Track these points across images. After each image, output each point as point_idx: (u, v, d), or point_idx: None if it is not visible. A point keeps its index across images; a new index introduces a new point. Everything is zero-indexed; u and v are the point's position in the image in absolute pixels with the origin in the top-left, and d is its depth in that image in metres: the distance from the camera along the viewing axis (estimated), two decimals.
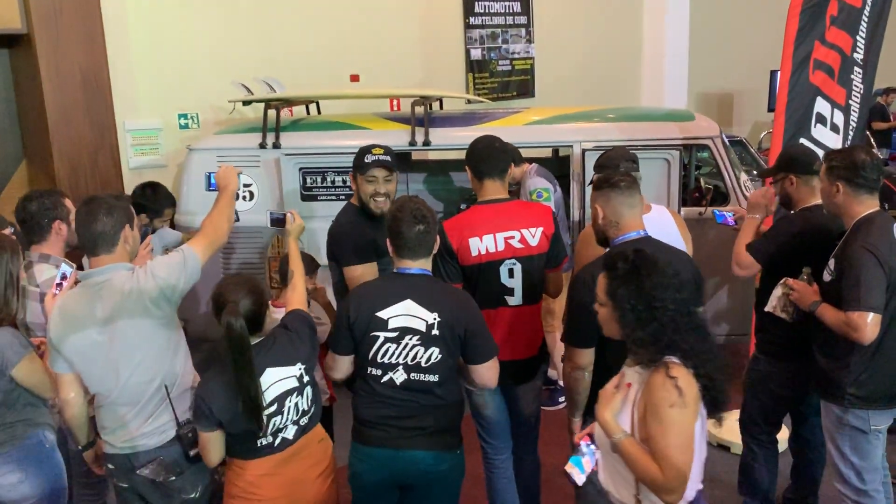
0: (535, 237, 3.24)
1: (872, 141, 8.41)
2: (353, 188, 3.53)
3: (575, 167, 4.84)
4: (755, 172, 6.91)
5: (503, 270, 3.21)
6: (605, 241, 3.02)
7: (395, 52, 7.29)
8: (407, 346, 2.71)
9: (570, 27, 9.13)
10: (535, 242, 3.23)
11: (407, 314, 2.71)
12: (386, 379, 2.73)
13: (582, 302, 2.71)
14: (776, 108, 4.34)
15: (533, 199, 4.72)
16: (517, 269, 3.21)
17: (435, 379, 2.73)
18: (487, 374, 2.84)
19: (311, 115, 5.59)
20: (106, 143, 5.49)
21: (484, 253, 3.19)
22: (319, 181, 4.89)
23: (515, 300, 3.24)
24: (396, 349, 2.71)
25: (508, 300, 3.24)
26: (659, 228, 3.19)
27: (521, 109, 5.53)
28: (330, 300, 3.77)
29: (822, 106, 4.36)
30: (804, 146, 4.08)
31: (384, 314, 2.72)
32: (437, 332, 2.71)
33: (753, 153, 8.49)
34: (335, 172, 4.82)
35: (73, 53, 5.27)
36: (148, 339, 2.64)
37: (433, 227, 2.81)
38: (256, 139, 4.91)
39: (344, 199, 3.68)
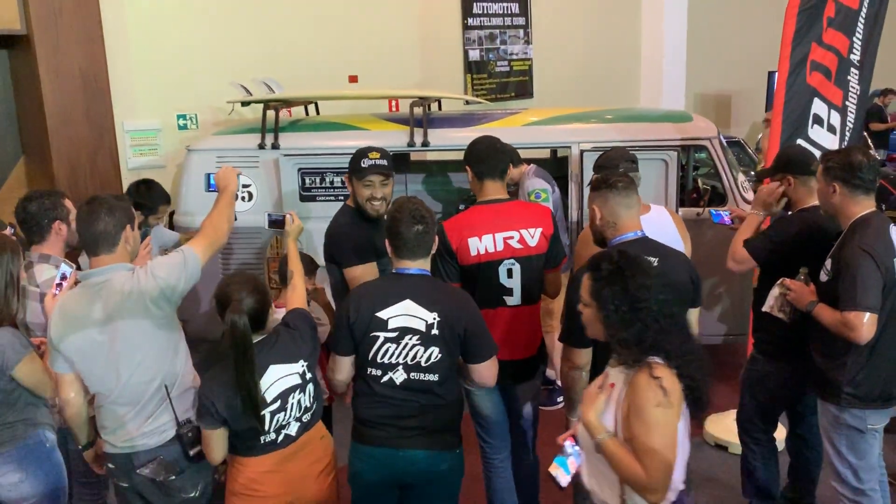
0: (534, 238, 3.25)
1: (870, 142, 8.40)
2: (349, 190, 3.52)
3: (573, 168, 4.85)
4: (752, 173, 6.92)
5: (502, 270, 3.22)
6: (602, 241, 3.03)
7: (393, 52, 7.30)
8: (407, 345, 2.72)
9: (568, 28, 9.15)
10: (533, 243, 3.25)
11: (406, 314, 2.72)
12: (386, 379, 2.74)
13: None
14: (773, 109, 4.34)
15: (531, 199, 4.73)
16: (516, 269, 3.22)
17: (435, 378, 2.74)
18: (487, 373, 2.85)
19: (309, 115, 5.60)
20: (105, 143, 5.49)
21: (483, 253, 3.20)
22: (318, 182, 4.90)
23: (514, 300, 3.25)
24: (396, 349, 2.72)
25: (507, 300, 3.25)
26: (658, 229, 3.20)
27: (519, 110, 5.54)
28: (329, 301, 3.77)
29: (818, 107, 4.37)
30: (802, 147, 4.09)
31: (384, 314, 2.73)
32: (436, 331, 2.71)
33: (751, 154, 8.52)
34: (334, 173, 4.82)
35: (72, 54, 5.27)
36: (148, 339, 2.64)
37: (432, 227, 2.82)
38: (255, 140, 4.92)
39: (343, 199, 3.68)
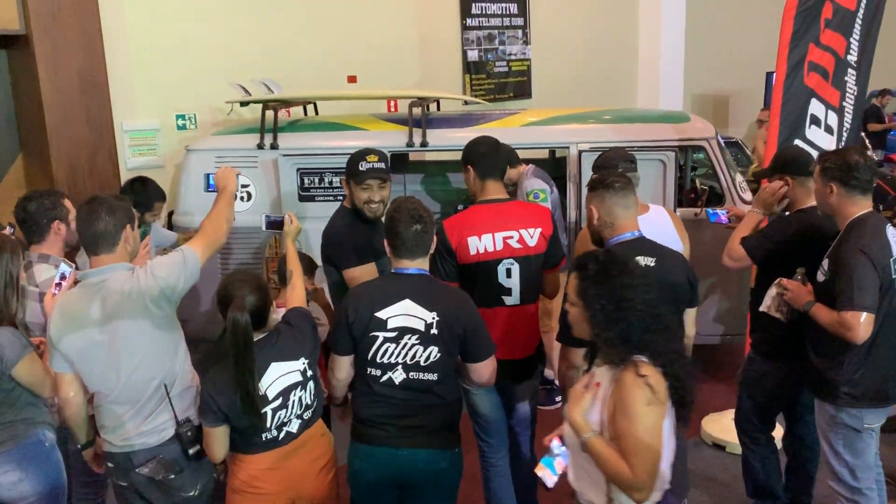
0: (533, 238, 3.25)
1: (868, 142, 8.42)
2: (346, 192, 3.51)
3: (571, 168, 4.86)
4: (748, 174, 6.95)
5: (501, 270, 3.23)
6: (600, 241, 3.04)
7: (392, 53, 7.31)
8: (406, 345, 2.72)
9: (566, 29, 9.16)
10: (533, 243, 3.25)
11: (406, 314, 2.73)
12: (385, 378, 2.75)
13: None
14: (771, 110, 4.35)
15: (530, 199, 4.74)
16: (515, 269, 3.23)
17: (434, 378, 2.75)
18: (485, 372, 2.87)
19: (308, 116, 5.61)
20: (104, 143, 5.49)
21: (482, 252, 3.21)
22: (317, 182, 4.91)
23: (513, 300, 3.26)
24: (396, 349, 2.73)
25: (506, 300, 3.25)
26: (657, 229, 3.21)
27: (517, 111, 5.55)
28: (329, 301, 3.78)
29: (816, 107, 4.38)
30: (799, 148, 4.10)
31: (383, 314, 2.73)
32: (435, 331, 2.72)
33: (749, 154, 8.54)
34: (333, 173, 4.83)
35: (71, 54, 5.27)
36: (148, 338, 2.65)
37: (430, 226, 2.83)
38: (254, 140, 4.92)
39: (342, 199, 3.68)
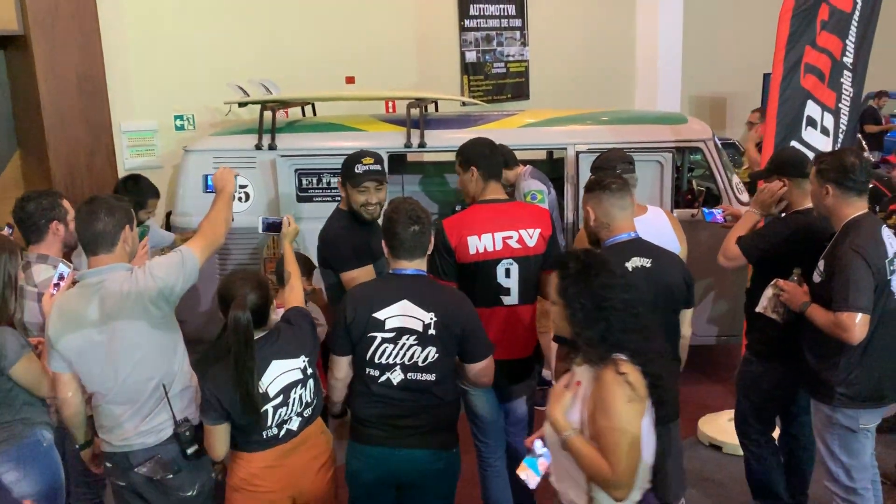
0: (532, 238, 3.26)
1: (864, 144, 8.45)
2: (342, 195, 3.51)
3: (569, 169, 4.87)
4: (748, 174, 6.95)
5: (500, 270, 3.24)
6: (597, 242, 3.05)
7: (390, 54, 7.32)
8: (404, 346, 2.73)
9: (564, 30, 9.17)
10: (532, 243, 3.26)
11: (403, 314, 2.73)
12: (383, 379, 2.75)
13: None
14: (768, 111, 4.37)
15: (527, 200, 4.75)
16: (514, 269, 3.24)
17: (432, 378, 2.76)
18: (483, 372, 2.88)
19: (306, 116, 5.62)
20: (102, 144, 5.49)
21: (482, 252, 3.22)
22: (315, 183, 4.91)
23: (511, 300, 3.27)
24: (394, 349, 2.74)
25: (504, 300, 3.26)
26: (654, 230, 3.23)
27: (515, 112, 5.57)
28: (327, 302, 3.78)
29: (812, 109, 4.39)
30: (796, 149, 4.11)
31: (381, 315, 2.74)
32: (433, 331, 2.73)
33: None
34: (331, 174, 4.83)
35: (69, 55, 5.27)
36: (147, 338, 2.65)
37: (428, 227, 2.83)
38: (252, 141, 4.93)
39: (339, 200, 3.69)
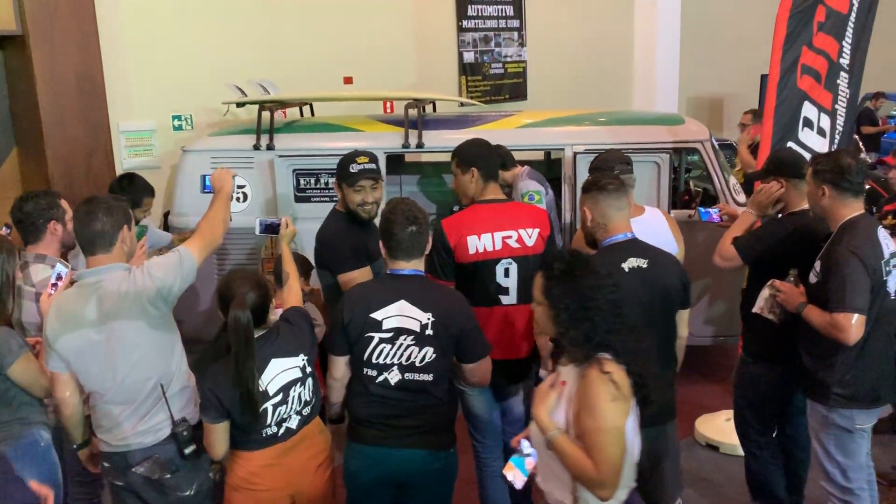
0: (531, 238, 3.27)
1: (861, 145, 8.45)
2: (338, 195, 3.51)
3: (566, 170, 4.88)
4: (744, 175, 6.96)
5: (499, 269, 3.24)
6: (594, 243, 3.06)
7: (388, 54, 7.33)
8: (401, 346, 2.74)
9: (562, 31, 9.19)
10: (531, 243, 3.27)
11: (401, 315, 2.74)
12: (381, 379, 2.76)
13: None
14: (765, 112, 4.39)
15: (525, 201, 4.76)
16: (513, 268, 3.25)
17: (429, 378, 2.77)
18: (480, 372, 2.89)
19: (304, 117, 5.62)
20: (100, 144, 5.49)
21: (481, 251, 3.23)
22: (313, 183, 4.91)
23: (510, 300, 3.27)
24: (391, 350, 2.74)
25: (503, 299, 3.27)
26: (652, 230, 3.24)
27: (513, 112, 5.57)
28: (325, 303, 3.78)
29: (809, 110, 4.41)
30: (792, 150, 4.12)
31: (378, 315, 2.74)
32: (430, 332, 2.73)
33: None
34: (329, 174, 4.83)
35: (67, 55, 5.27)
36: (145, 338, 2.65)
37: (425, 227, 2.84)
38: (250, 141, 4.93)
39: (337, 200, 3.69)
